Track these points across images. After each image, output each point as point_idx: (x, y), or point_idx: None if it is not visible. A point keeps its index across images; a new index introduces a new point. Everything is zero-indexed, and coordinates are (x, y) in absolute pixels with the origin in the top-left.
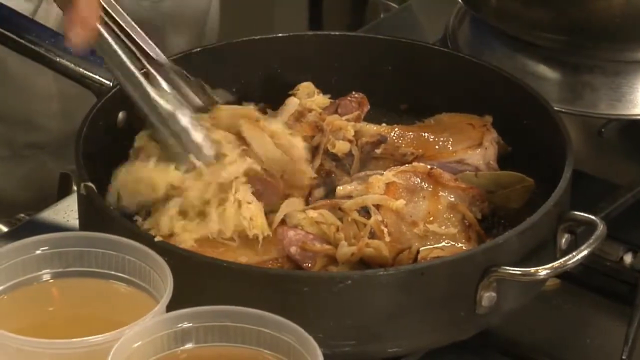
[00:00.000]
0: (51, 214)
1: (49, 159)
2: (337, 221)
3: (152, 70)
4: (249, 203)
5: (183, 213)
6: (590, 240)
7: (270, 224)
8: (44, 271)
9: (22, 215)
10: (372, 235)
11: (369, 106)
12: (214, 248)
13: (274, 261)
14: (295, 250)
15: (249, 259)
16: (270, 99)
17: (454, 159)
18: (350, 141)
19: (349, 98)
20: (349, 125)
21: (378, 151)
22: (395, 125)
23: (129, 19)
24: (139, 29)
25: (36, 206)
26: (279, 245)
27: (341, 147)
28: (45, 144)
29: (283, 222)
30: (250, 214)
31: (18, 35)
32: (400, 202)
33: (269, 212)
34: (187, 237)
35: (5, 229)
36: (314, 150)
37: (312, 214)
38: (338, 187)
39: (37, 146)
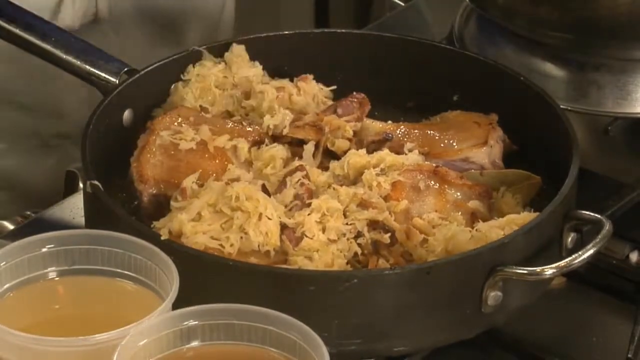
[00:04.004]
0: (57, 212)
1: (74, 149)
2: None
3: None
4: (269, 219)
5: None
6: (597, 240)
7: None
8: (50, 269)
9: (28, 212)
10: (377, 250)
11: (370, 106)
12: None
13: (282, 262)
14: None
15: (259, 260)
16: None
17: (460, 157)
18: (349, 140)
19: (349, 99)
20: (347, 125)
21: (384, 149)
22: (400, 123)
23: None
24: None
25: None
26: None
27: (341, 145)
28: (71, 133)
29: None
30: (267, 229)
31: (25, 32)
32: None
33: None
34: (199, 238)
35: (11, 226)
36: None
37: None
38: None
39: (64, 136)
